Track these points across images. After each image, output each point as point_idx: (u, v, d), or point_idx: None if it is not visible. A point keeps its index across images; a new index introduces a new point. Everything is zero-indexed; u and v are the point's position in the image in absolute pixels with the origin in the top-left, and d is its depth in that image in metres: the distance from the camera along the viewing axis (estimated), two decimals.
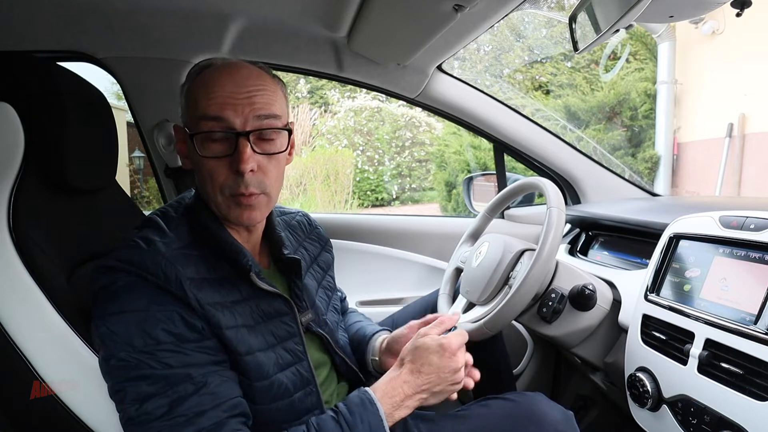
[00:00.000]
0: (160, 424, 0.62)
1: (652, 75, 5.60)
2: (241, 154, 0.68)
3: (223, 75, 0.71)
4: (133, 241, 0.70)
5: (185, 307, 0.67)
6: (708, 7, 0.84)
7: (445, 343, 0.75)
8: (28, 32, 1.20)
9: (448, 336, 0.77)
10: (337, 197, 6.76)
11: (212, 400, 0.65)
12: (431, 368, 0.73)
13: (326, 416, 0.69)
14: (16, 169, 0.77)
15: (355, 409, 0.69)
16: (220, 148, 0.70)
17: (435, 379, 0.73)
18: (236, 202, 0.72)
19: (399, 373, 0.74)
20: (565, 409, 0.80)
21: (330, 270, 1.02)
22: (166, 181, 1.44)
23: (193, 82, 0.73)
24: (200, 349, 0.67)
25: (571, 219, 1.43)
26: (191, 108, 0.72)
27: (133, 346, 0.63)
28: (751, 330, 0.69)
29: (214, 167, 0.70)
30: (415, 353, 0.75)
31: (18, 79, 0.83)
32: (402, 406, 0.71)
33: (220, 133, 0.69)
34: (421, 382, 0.73)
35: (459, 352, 0.76)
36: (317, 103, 7.99)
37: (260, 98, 0.71)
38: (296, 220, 0.99)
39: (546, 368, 1.55)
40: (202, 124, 0.70)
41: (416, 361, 0.74)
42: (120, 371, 0.63)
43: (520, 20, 7.13)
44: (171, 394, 0.63)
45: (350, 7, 1.10)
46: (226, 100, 0.69)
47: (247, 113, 0.69)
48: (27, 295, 0.72)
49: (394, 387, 0.72)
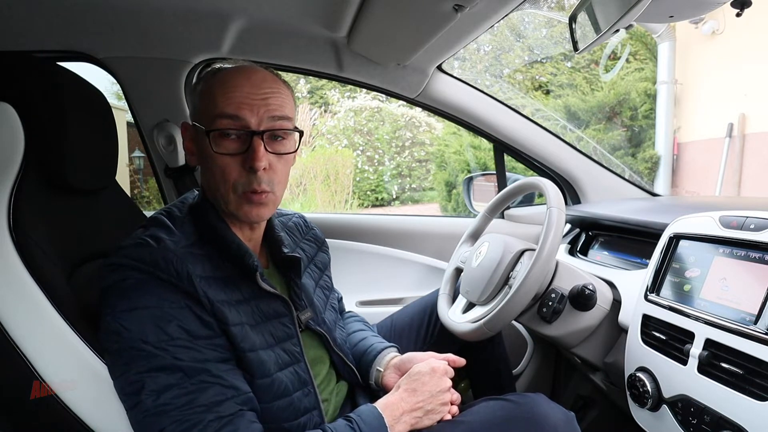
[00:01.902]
0: (179, 413, 0.62)
1: (652, 75, 5.60)
2: (255, 152, 0.71)
3: (241, 76, 0.73)
4: (142, 239, 0.71)
5: (196, 304, 0.68)
6: (708, 7, 0.84)
7: (435, 366, 0.83)
8: (28, 32, 1.20)
9: (438, 359, 0.88)
10: (337, 197, 6.75)
11: (230, 392, 0.66)
12: (425, 387, 0.80)
13: (340, 424, 0.72)
14: (16, 169, 0.77)
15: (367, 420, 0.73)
16: (235, 146, 0.73)
17: (428, 397, 0.80)
18: (248, 200, 0.74)
19: (397, 392, 0.81)
20: (566, 411, 0.80)
21: (327, 270, 1.03)
22: (166, 181, 1.44)
23: (210, 81, 0.75)
24: (212, 347, 0.68)
25: (571, 219, 1.43)
26: (208, 106, 0.73)
27: (147, 341, 0.64)
28: (751, 330, 0.69)
29: (228, 164, 0.73)
30: (410, 376, 0.83)
31: (18, 79, 0.83)
32: (400, 421, 0.76)
33: (236, 131, 0.72)
34: (416, 400, 0.79)
35: (445, 376, 0.84)
36: (317, 103, 7.99)
37: (274, 100, 0.74)
38: (293, 222, 1.01)
39: (546, 368, 1.55)
40: (218, 122, 0.72)
41: (411, 382, 0.81)
42: (138, 361, 0.64)
43: (520, 20, 7.12)
44: (189, 385, 0.64)
45: (350, 7, 1.10)
46: (243, 100, 0.72)
47: (261, 114, 0.72)
48: (27, 295, 0.71)
49: (393, 402, 0.78)
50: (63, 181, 0.84)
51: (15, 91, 0.80)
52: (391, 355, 0.97)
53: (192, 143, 0.79)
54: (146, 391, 0.63)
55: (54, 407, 0.70)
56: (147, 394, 0.63)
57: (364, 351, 0.99)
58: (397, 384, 0.83)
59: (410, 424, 0.77)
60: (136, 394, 0.63)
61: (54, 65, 0.88)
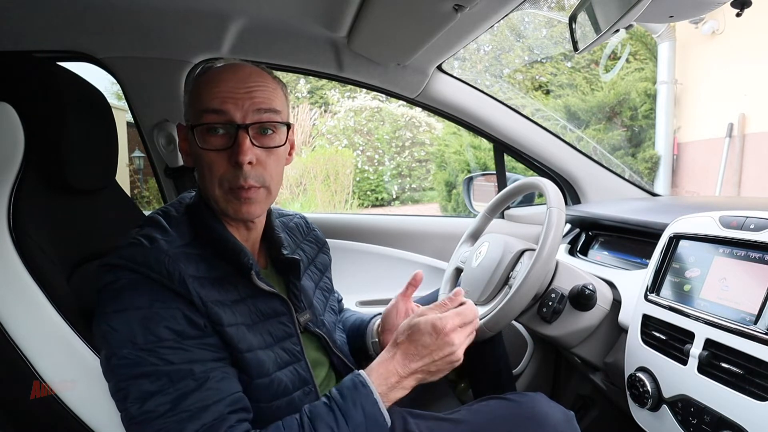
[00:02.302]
0: (162, 421, 0.62)
1: (652, 75, 5.60)
2: (240, 146, 0.70)
3: (227, 72, 0.73)
4: (136, 239, 0.70)
5: (188, 305, 0.67)
6: (708, 7, 0.84)
7: (438, 325, 0.71)
8: (28, 32, 1.20)
9: (443, 316, 0.72)
10: (337, 197, 6.75)
11: (214, 395, 0.65)
12: (425, 350, 0.70)
13: (319, 403, 0.69)
14: (16, 169, 0.77)
15: (347, 393, 0.68)
16: (221, 142, 0.72)
17: (429, 361, 0.71)
18: (235, 196, 0.73)
19: (393, 354, 0.72)
20: (566, 410, 0.80)
21: (327, 272, 1.03)
22: (166, 181, 1.44)
23: (198, 79, 0.75)
24: (201, 346, 0.67)
25: (571, 219, 1.43)
26: (194, 103, 0.74)
27: (135, 343, 0.63)
28: (751, 330, 0.69)
29: (214, 160, 0.72)
30: (409, 334, 0.72)
31: (18, 79, 0.83)
32: (397, 387, 0.70)
33: (221, 126, 0.72)
34: (415, 365, 0.70)
35: (454, 333, 0.71)
36: (317, 103, 7.99)
37: (260, 93, 0.73)
38: (294, 222, 1.00)
39: (546, 368, 1.55)
40: (203, 116, 0.72)
41: (410, 342, 0.71)
42: (121, 370, 0.63)
43: (520, 20, 7.13)
44: (173, 391, 0.63)
45: (350, 7, 1.10)
46: (227, 95, 0.71)
47: (246, 107, 0.72)
48: (27, 295, 0.72)
49: (388, 369, 0.71)
50: (63, 181, 0.84)
51: (15, 91, 0.80)
52: (378, 322, 0.97)
53: (186, 143, 0.79)
54: (131, 399, 0.63)
55: (54, 407, 0.71)
56: (131, 402, 0.62)
57: (356, 328, 1.00)
58: (394, 338, 0.74)
59: (410, 387, 0.71)
60: (123, 401, 0.63)
61: (54, 65, 0.88)
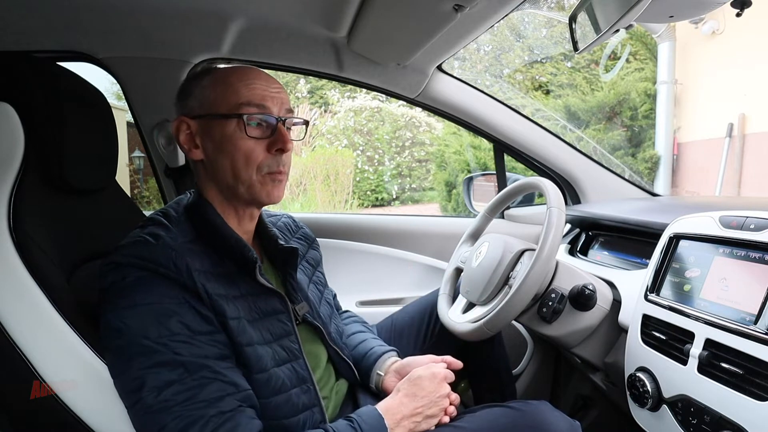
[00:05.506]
0: (180, 409, 0.63)
1: (652, 75, 5.60)
2: (284, 136, 0.78)
3: (254, 72, 0.80)
4: (140, 237, 0.71)
5: (196, 298, 0.69)
6: (708, 7, 0.84)
7: (435, 371, 0.84)
8: (28, 32, 1.19)
9: (436, 365, 0.87)
10: (337, 197, 6.75)
11: (230, 387, 0.67)
12: (424, 392, 0.81)
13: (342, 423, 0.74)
14: (16, 169, 0.77)
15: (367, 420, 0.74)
16: (259, 132, 0.78)
17: (428, 403, 0.80)
18: (272, 179, 0.79)
19: (397, 396, 0.81)
20: (571, 420, 0.80)
21: (319, 266, 1.05)
22: (166, 181, 1.44)
23: (219, 74, 0.79)
24: (212, 343, 0.68)
25: (571, 219, 1.43)
26: (226, 96, 0.77)
27: (149, 337, 0.64)
28: (751, 330, 0.69)
29: (253, 148, 0.77)
30: (411, 381, 0.83)
31: (18, 79, 0.83)
32: (400, 425, 0.77)
33: (261, 117, 0.78)
34: (416, 405, 0.79)
35: (444, 381, 0.84)
36: (317, 103, 7.99)
37: (284, 96, 0.82)
38: (282, 222, 1.02)
39: (546, 368, 1.55)
40: (242, 109, 0.76)
41: (411, 387, 0.82)
42: (137, 360, 0.64)
43: (520, 20, 7.13)
44: (190, 381, 0.64)
45: (350, 7, 1.10)
46: (265, 92, 0.78)
47: (279, 105, 0.80)
48: (27, 295, 0.71)
49: (394, 406, 0.79)
50: (63, 181, 0.84)
51: (15, 91, 0.80)
52: (392, 360, 0.97)
53: (193, 137, 0.79)
54: (147, 388, 0.63)
55: (54, 407, 0.70)
56: (148, 391, 0.63)
57: (364, 354, 0.99)
58: (397, 387, 0.83)
59: (409, 429, 0.77)
60: (137, 392, 0.64)
61: (54, 65, 0.88)
